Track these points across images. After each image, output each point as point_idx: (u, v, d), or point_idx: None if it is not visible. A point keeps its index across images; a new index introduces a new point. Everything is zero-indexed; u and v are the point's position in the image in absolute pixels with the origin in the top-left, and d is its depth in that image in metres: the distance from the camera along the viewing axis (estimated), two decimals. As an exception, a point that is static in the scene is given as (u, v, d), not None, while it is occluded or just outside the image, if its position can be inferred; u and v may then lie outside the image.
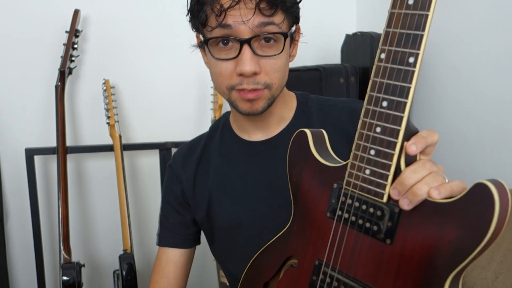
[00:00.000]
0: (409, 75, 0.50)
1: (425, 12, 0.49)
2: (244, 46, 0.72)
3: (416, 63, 0.50)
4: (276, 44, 0.74)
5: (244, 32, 0.71)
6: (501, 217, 0.45)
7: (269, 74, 0.75)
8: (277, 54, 0.74)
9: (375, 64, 0.54)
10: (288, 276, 0.67)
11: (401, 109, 0.51)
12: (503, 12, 1.23)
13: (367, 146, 0.55)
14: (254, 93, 0.75)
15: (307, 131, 0.66)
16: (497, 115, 1.28)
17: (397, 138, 0.52)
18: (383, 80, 0.52)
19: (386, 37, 0.52)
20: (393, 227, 0.53)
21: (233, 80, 0.75)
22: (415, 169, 0.52)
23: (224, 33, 0.72)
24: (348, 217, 0.58)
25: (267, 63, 0.74)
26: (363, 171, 0.55)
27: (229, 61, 0.74)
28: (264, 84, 0.75)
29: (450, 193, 0.50)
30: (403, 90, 0.51)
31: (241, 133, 0.88)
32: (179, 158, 0.94)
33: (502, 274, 1.06)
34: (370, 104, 0.54)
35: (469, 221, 0.47)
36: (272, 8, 0.70)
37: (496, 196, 0.45)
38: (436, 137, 0.54)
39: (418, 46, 0.50)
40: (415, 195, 0.50)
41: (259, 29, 0.71)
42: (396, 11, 0.51)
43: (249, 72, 0.72)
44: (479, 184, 0.46)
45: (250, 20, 0.70)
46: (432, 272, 0.50)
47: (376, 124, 0.53)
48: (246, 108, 0.77)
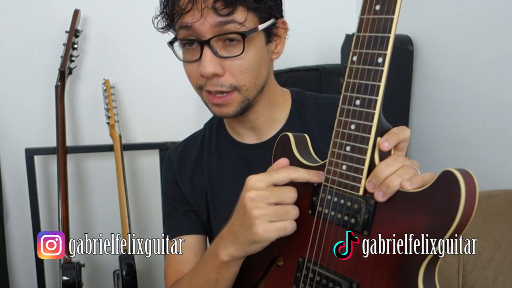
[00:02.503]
0: (378, 74, 0.54)
1: (391, 16, 0.53)
2: (204, 47, 0.70)
3: (384, 62, 0.54)
4: (240, 44, 0.71)
5: (204, 32, 0.69)
6: (468, 202, 0.48)
7: (235, 76, 0.72)
8: (238, 54, 0.70)
9: (348, 66, 0.57)
10: (274, 276, 0.69)
11: (372, 106, 0.55)
12: (502, 12, 1.23)
13: (343, 143, 0.58)
14: (221, 99, 0.73)
15: (290, 135, 0.69)
16: (496, 115, 1.28)
17: (370, 133, 0.55)
18: (355, 81, 0.56)
19: (357, 41, 0.57)
20: (370, 219, 0.56)
21: (200, 81, 0.74)
22: (388, 163, 0.54)
23: (186, 34, 0.71)
24: (327, 212, 0.60)
25: (231, 64, 0.71)
26: (340, 167, 0.58)
27: (195, 63, 0.73)
28: (230, 86, 0.72)
29: (422, 183, 0.52)
30: (373, 88, 0.55)
31: (234, 134, 0.87)
32: (174, 158, 0.92)
33: (502, 274, 1.06)
34: (345, 104, 0.58)
35: (437, 208, 0.50)
36: (228, 7, 0.68)
37: (462, 182, 0.48)
38: (408, 133, 0.57)
39: (385, 47, 0.54)
40: (389, 186, 0.53)
41: (219, 29, 0.69)
42: (365, 17, 0.55)
43: (209, 74, 0.70)
44: (445, 171, 0.50)
45: (205, 21, 0.68)
46: (406, 260, 0.53)
47: (351, 122, 0.57)
48: (217, 111, 0.76)
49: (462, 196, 0.47)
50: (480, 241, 1.08)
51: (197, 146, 0.90)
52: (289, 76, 1.56)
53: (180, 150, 0.92)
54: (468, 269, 1.08)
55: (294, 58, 1.65)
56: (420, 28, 1.54)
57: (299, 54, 1.70)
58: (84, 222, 1.71)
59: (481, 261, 1.07)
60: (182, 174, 0.90)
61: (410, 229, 0.52)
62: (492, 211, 1.10)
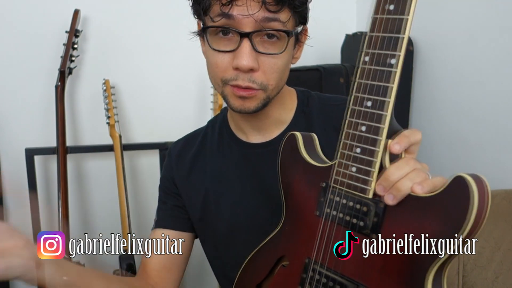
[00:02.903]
0: (391, 76, 0.53)
1: (405, 16, 0.52)
2: (244, 39, 0.69)
3: (397, 64, 0.53)
4: (278, 42, 0.71)
5: (246, 25, 0.68)
6: (480, 209, 0.47)
7: (267, 74, 0.72)
8: (279, 53, 0.71)
9: (360, 66, 0.56)
10: (279, 276, 0.69)
11: (384, 108, 0.54)
12: (502, 12, 1.23)
13: (353, 144, 0.57)
14: (248, 91, 0.72)
15: (297, 134, 0.68)
16: (496, 115, 1.28)
17: (381, 136, 0.54)
18: (367, 82, 0.55)
19: (370, 41, 0.55)
20: (379, 222, 0.55)
21: (228, 74, 0.72)
22: (399, 165, 0.54)
23: (226, 23, 0.69)
24: (335, 214, 0.59)
25: (266, 61, 0.71)
26: (349, 169, 0.57)
27: (227, 54, 0.71)
28: (260, 85, 0.72)
29: (433, 188, 0.51)
30: (385, 90, 0.54)
31: (238, 133, 0.86)
32: (174, 152, 0.92)
33: (502, 274, 1.06)
34: (355, 105, 0.57)
35: (448, 213, 0.49)
36: (278, 4, 0.68)
37: (475, 188, 0.47)
38: (419, 136, 0.56)
39: (399, 48, 0.53)
40: (399, 190, 0.52)
41: (263, 24, 0.68)
42: (378, 16, 0.54)
43: (246, 67, 0.69)
44: (457, 177, 0.49)
45: (254, 14, 0.67)
46: (415, 265, 0.52)
47: (361, 123, 0.56)
48: (238, 105, 0.74)
49: (475, 202, 0.47)
50: (480, 241, 1.08)
51: (197, 143, 0.90)
52: (289, 76, 1.56)
53: (181, 146, 0.92)
54: (468, 269, 1.08)
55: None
56: (420, 28, 1.54)
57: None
58: (84, 222, 1.71)
59: (481, 261, 1.07)
60: (180, 170, 0.89)
61: (420, 234, 0.51)
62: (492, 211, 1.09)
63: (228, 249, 0.86)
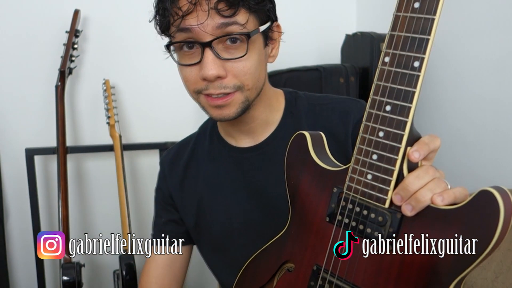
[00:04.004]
0: (414, 80, 0.50)
1: (431, 16, 0.48)
2: (206, 49, 0.68)
3: (421, 67, 0.49)
4: (242, 45, 0.70)
5: (204, 35, 0.68)
6: (505, 225, 0.45)
7: (238, 77, 0.71)
8: (242, 56, 0.70)
9: (379, 67, 0.52)
10: (284, 281, 0.66)
11: (405, 114, 0.50)
12: (503, 13, 1.23)
13: (369, 150, 0.54)
14: (222, 99, 0.71)
15: (306, 134, 0.65)
16: (496, 115, 1.28)
17: (400, 143, 0.51)
18: (387, 84, 0.52)
19: (391, 41, 0.51)
20: (395, 233, 0.52)
21: (199, 85, 0.72)
22: (419, 175, 0.51)
23: (185, 37, 0.70)
24: (348, 222, 0.57)
25: (234, 66, 0.70)
26: (365, 176, 0.54)
27: (194, 66, 0.71)
28: (234, 87, 0.71)
29: (454, 199, 0.49)
30: (407, 94, 0.50)
31: (228, 138, 0.86)
32: (166, 162, 0.92)
33: (502, 274, 1.06)
34: (373, 108, 0.53)
35: (473, 228, 0.46)
36: (231, 8, 0.67)
37: (501, 204, 0.44)
38: (438, 143, 0.53)
39: (423, 51, 0.49)
40: (419, 201, 0.50)
41: (220, 31, 0.68)
42: (401, 14, 0.50)
43: (212, 76, 0.69)
44: (484, 191, 0.46)
45: (207, 22, 0.67)
46: (433, 279, 0.50)
47: (379, 129, 0.53)
48: (216, 115, 0.74)
49: (501, 219, 0.44)
50: (480, 241, 1.07)
51: (189, 151, 0.90)
52: (289, 76, 1.56)
53: (172, 155, 0.92)
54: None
55: (294, 58, 1.65)
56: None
57: (299, 54, 1.70)
58: (84, 222, 1.71)
59: (481, 261, 1.07)
60: (173, 178, 0.90)
61: (439, 247, 0.48)
62: (492, 211, 1.10)
63: (225, 254, 0.86)
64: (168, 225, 0.90)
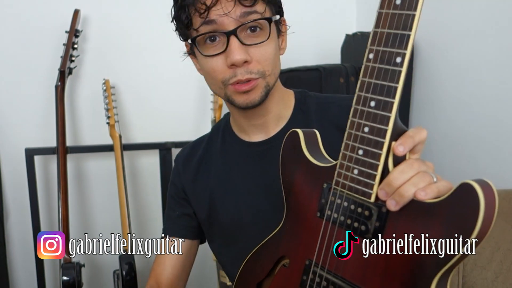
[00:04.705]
0: (396, 75, 0.51)
1: (412, 12, 0.49)
2: (230, 37, 0.73)
3: (403, 63, 0.50)
4: (262, 32, 0.75)
5: (228, 25, 0.73)
6: (487, 217, 0.45)
7: (261, 62, 0.75)
8: (265, 40, 0.75)
9: (364, 64, 0.54)
10: (280, 276, 0.68)
11: (388, 109, 0.51)
12: (503, 11, 1.23)
13: (355, 146, 0.55)
14: (249, 84, 0.75)
15: (299, 131, 0.66)
16: (496, 115, 1.28)
17: (384, 137, 0.52)
18: (371, 80, 0.53)
19: (374, 37, 0.52)
20: (381, 227, 0.53)
21: (227, 74, 0.75)
22: (403, 169, 0.52)
23: (209, 29, 0.73)
24: (337, 217, 0.58)
25: (257, 51, 0.75)
26: (352, 171, 0.55)
27: (219, 56, 0.75)
28: (258, 73, 0.75)
29: (437, 193, 0.50)
30: (390, 90, 0.51)
31: (241, 134, 0.89)
32: (181, 159, 0.96)
33: (502, 274, 1.06)
34: (359, 104, 0.54)
35: (455, 221, 0.47)
36: None
37: (481, 196, 0.45)
38: (424, 135, 0.54)
39: (405, 46, 0.50)
40: (402, 196, 0.50)
41: (243, 19, 0.73)
42: (384, 11, 0.51)
43: (240, 61, 0.73)
44: (464, 184, 0.47)
45: (231, 12, 0.72)
46: (418, 272, 0.50)
47: (364, 124, 0.54)
48: (243, 101, 0.77)
49: (481, 209, 0.45)
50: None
51: (202, 148, 0.93)
52: (289, 76, 1.56)
53: (187, 152, 0.96)
54: (468, 269, 1.08)
55: (294, 58, 1.65)
56: (420, 29, 1.53)
57: (299, 54, 1.70)
58: (84, 222, 1.71)
59: (481, 261, 1.07)
60: (186, 174, 0.93)
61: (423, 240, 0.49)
62: (492, 211, 1.10)
63: (235, 246, 0.88)
64: (181, 218, 0.94)
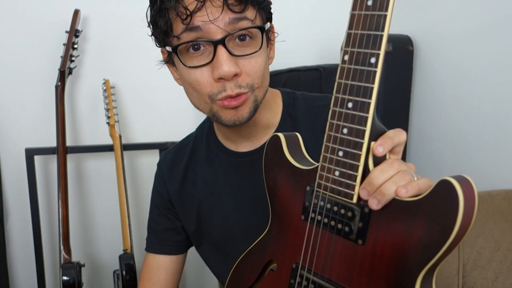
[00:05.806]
0: (371, 76, 0.51)
1: (384, 13, 0.49)
2: (218, 47, 0.64)
3: (377, 63, 0.50)
4: (252, 42, 0.67)
5: (215, 32, 0.64)
6: (467, 212, 0.46)
7: (251, 75, 0.67)
8: (256, 51, 0.67)
9: (339, 66, 0.54)
10: (268, 281, 0.67)
11: (365, 110, 0.52)
12: (502, 12, 1.23)
13: (335, 147, 0.55)
14: (238, 99, 0.67)
15: (280, 136, 0.65)
16: (496, 115, 1.28)
17: (363, 138, 0.52)
18: (347, 82, 0.53)
19: (348, 39, 0.53)
20: (364, 227, 0.53)
21: (214, 88, 0.67)
22: (383, 168, 0.52)
23: (193, 36, 0.65)
24: (320, 219, 0.58)
25: (247, 63, 0.67)
26: (333, 173, 0.56)
27: (204, 68, 0.66)
28: (247, 86, 0.67)
29: (418, 191, 0.49)
30: (366, 90, 0.51)
31: (227, 143, 0.84)
32: (165, 164, 0.90)
33: (502, 274, 1.06)
34: (336, 106, 0.55)
35: (435, 218, 0.47)
36: (241, 3, 0.64)
37: (460, 192, 0.45)
38: (404, 137, 0.54)
39: (378, 47, 0.50)
40: (383, 194, 0.50)
41: (232, 27, 0.65)
42: (356, 13, 0.52)
43: (229, 74, 0.65)
44: (442, 181, 0.47)
45: (219, 18, 0.63)
46: (403, 270, 0.51)
47: (343, 126, 0.54)
48: (230, 117, 0.69)
49: (460, 205, 0.45)
50: (480, 241, 1.08)
51: (187, 155, 0.88)
52: (289, 76, 1.56)
53: (170, 158, 0.90)
54: (468, 269, 1.08)
55: (294, 58, 1.65)
56: (420, 28, 1.54)
57: (299, 54, 1.70)
58: (84, 222, 1.71)
59: (481, 261, 1.07)
60: (172, 182, 0.88)
61: (405, 239, 0.50)
62: (492, 211, 1.10)
63: (225, 257, 0.86)
64: (166, 233, 0.90)
